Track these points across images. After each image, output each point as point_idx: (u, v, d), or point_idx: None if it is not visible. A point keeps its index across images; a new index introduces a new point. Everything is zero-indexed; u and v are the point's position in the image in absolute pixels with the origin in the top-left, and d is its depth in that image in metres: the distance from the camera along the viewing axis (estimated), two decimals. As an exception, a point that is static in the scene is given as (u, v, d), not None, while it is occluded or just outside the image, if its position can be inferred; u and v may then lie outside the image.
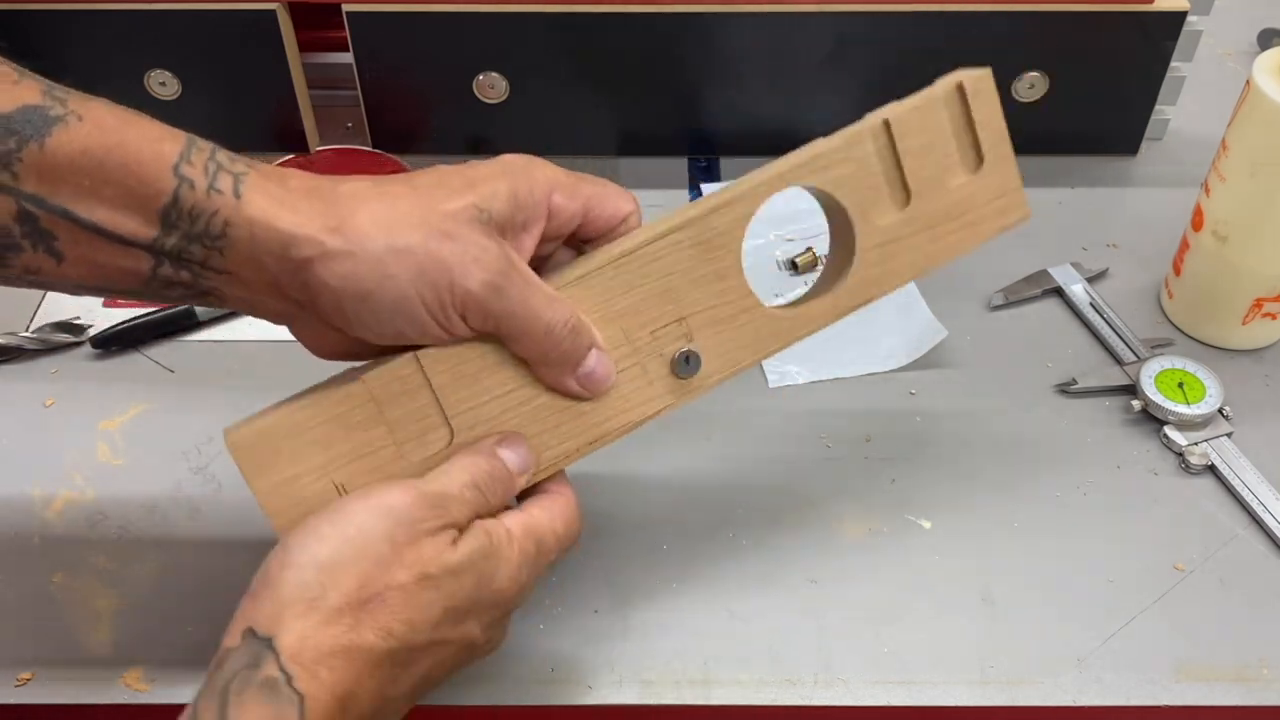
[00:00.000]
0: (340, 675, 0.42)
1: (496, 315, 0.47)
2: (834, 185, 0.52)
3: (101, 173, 0.43)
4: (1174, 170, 0.85)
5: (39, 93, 0.44)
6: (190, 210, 0.44)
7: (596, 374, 0.50)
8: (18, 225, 0.43)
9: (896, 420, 0.68)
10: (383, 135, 0.85)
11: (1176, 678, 0.56)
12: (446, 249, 0.45)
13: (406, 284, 0.45)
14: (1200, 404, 0.67)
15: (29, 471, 0.64)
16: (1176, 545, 0.62)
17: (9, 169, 0.43)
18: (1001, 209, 0.53)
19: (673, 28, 0.78)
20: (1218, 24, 0.82)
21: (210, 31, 0.78)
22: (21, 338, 0.71)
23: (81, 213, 0.44)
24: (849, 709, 0.55)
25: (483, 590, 0.47)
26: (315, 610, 0.43)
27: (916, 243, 0.53)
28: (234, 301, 0.48)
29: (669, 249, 0.51)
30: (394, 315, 0.46)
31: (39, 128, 0.43)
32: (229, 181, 0.45)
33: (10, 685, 0.55)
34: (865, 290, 0.53)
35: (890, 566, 0.61)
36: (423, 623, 0.45)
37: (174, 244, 0.45)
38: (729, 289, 0.52)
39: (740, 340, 0.52)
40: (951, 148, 0.53)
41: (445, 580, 0.45)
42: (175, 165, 0.44)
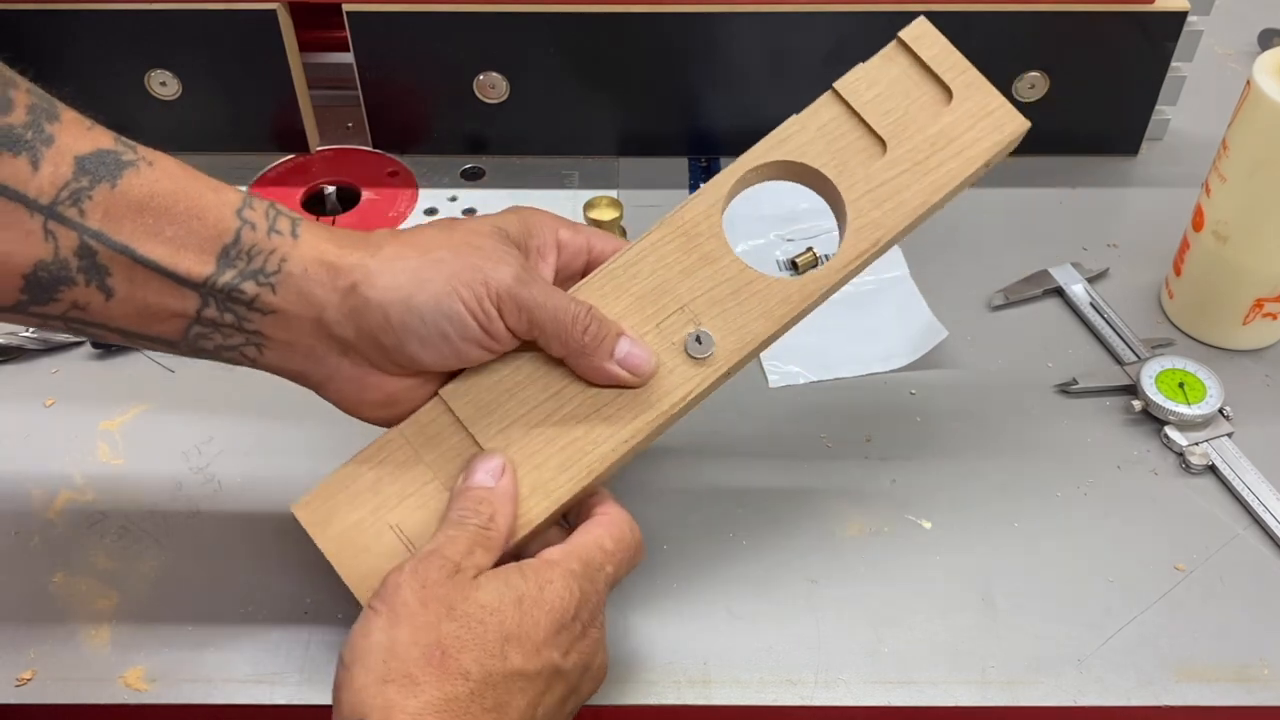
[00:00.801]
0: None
1: (528, 305, 0.49)
2: (799, 154, 0.54)
3: (167, 214, 0.46)
4: (1174, 170, 0.85)
5: (111, 139, 0.47)
6: (250, 249, 0.48)
7: (635, 354, 0.52)
8: (76, 259, 0.45)
9: (896, 420, 0.68)
10: (383, 135, 0.85)
11: (1176, 678, 0.56)
12: (476, 255, 0.49)
13: (444, 284, 0.48)
14: (1201, 404, 0.67)
15: (29, 471, 0.65)
16: (1177, 545, 0.62)
17: (77, 205, 0.45)
18: (993, 125, 0.54)
19: (673, 28, 0.78)
20: (1218, 24, 0.82)
21: (210, 31, 0.78)
22: (22, 338, 0.71)
23: (142, 250, 0.46)
24: (849, 709, 0.55)
25: (534, 614, 0.47)
26: (390, 684, 0.44)
27: (907, 180, 0.54)
28: (273, 350, 0.50)
29: (650, 250, 0.54)
30: (436, 314, 0.48)
31: (112, 170, 0.46)
32: (287, 224, 0.49)
33: (10, 685, 0.55)
34: (869, 235, 0.53)
35: (890, 566, 0.61)
36: (488, 654, 0.45)
37: (226, 281, 0.47)
38: (721, 270, 0.53)
39: (749, 313, 0.53)
40: (914, 92, 0.54)
41: (485, 614, 0.46)
42: (239, 209, 0.48)
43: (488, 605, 0.46)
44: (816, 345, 0.72)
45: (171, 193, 0.47)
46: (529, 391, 0.52)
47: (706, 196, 0.54)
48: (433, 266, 0.49)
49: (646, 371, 0.52)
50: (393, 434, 0.52)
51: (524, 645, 0.46)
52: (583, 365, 0.51)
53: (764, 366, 0.71)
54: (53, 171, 0.45)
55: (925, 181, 0.54)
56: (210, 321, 0.48)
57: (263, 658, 0.56)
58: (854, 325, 0.74)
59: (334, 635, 0.57)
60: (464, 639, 0.45)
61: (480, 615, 0.46)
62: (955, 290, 0.75)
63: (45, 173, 0.45)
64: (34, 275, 0.45)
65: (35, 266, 0.45)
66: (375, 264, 0.48)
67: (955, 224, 0.81)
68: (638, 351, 0.52)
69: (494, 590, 0.47)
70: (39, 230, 0.45)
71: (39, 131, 0.45)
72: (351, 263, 0.48)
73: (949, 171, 0.54)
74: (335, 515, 0.51)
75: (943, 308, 0.73)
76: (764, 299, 0.53)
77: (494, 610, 0.46)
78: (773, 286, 0.53)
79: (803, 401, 0.69)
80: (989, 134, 0.54)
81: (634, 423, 0.52)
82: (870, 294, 0.75)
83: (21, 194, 0.44)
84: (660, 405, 0.52)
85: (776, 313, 0.53)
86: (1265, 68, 0.65)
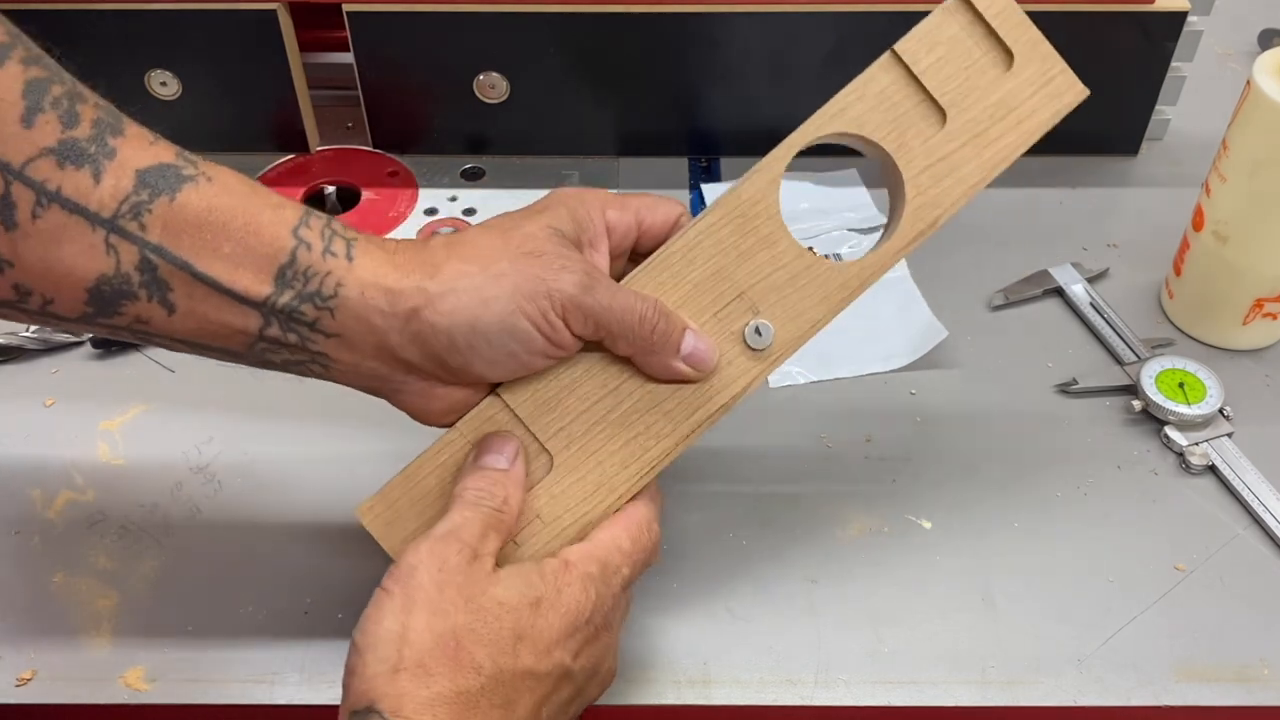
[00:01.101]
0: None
1: (595, 312, 0.49)
2: (858, 125, 0.52)
3: (225, 231, 0.46)
4: (1174, 170, 0.85)
5: (173, 154, 0.46)
6: (305, 270, 0.47)
7: (700, 349, 0.51)
8: (138, 273, 0.45)
9: (896, 420, 0.68)
10: (383, 135, 0.85)
11: (1176, 678, 0.56)
12: (536, 265, 0.48)
13: (508, 301, 0.47)
14: (1201, 404, 0.67)
15: (29, 471, 0.65)
16: (1177, 545, 0.62)
17: (138, 219, 0.45)
18: (1052, 94, 0.52)
19: (673, 28, 0.78)
20: (1218, 24, 0.82)
21: (210, 31, 0.78)
22: (22, 338, 0.71)
23: (200, 266, 0.46)
24: (849, 709, 0.55)
25: (549, 616, 0.47)
26: (402, 673, 0.44)
27: (966, 154, 0.52)
28: (340, 369, 0.49)
29: (706, 234, 0.52)
30: (502, 335, 0.48)
31: (172, 184, 0.45)
32: (342, 246, 0.48)
33: (10, 685, 0.55)
34: (927, 213, 0.52)
35: (890, 566, 0.61)
36: (501, 650, 0.45)
37: (286, 303, 0.47)
38: (780, 254, 0.52)
39: (808, 298, 0.52)
40: (975, 54, 0.52)
41: (502, 611, 0.46)
42: (295, 228, 0.47)
43: (506, 602, 0.46)
44: (816, 345, 0.72)
45: (229, 208, 0.46)
46: (587, 388, 0.51)
47: (763, 174, 0.52)
48: (494, 284, 0.47)
49: (709, 367, 0.51)
50: (452, 434, 0.51)
51: (536, 645, 0.46)
52: (650, 363, 0.51)
53: (764, 366, 0.71)
54: (114, 185, 0.44)
55: (984, 156, 0.52)
56: (275, 340, 0.48)
57: (263, 658, 0.56)
58: (854, 325, 0.73)
59: (334, 635, 0.57)
60: (479, 633, 0.45)
61: (497, 611, 0.46)
62: (955, 290, 0.75)
63: (106, 186, 0.44)
64: (97, 289, 0.45)
65: (98, 280, 0.45)
66: (435, 286, 0.47)
67: (955, 224, 0.80)
68: (702, 346, 0.51)
69: (513, 588, 0.47)
70: (101, 244, 0.45)
71: (102, 145, 0.45)
72: (410, 286, 0.47)
73: (1008, 144, 0.52)
74: (400, 518, 0.51)
75: (943, 308, 0.73)
76: (822, 284, 0.52)
77: (511, 608, 0.46)
78: (830, 271, 0.52)
79: (803, 401, 0.69)
80: (1048, 103, 0.52)
81: (693, 417, 0.51)
82: (870, 294, 0.75)
83: (83, 207, 0.44)
84: (719, 398, 0.51)
85: (835, 298, 0.52)
86: (1265, 68, 0.65)
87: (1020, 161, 0.51)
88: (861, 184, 0.83)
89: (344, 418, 0.66)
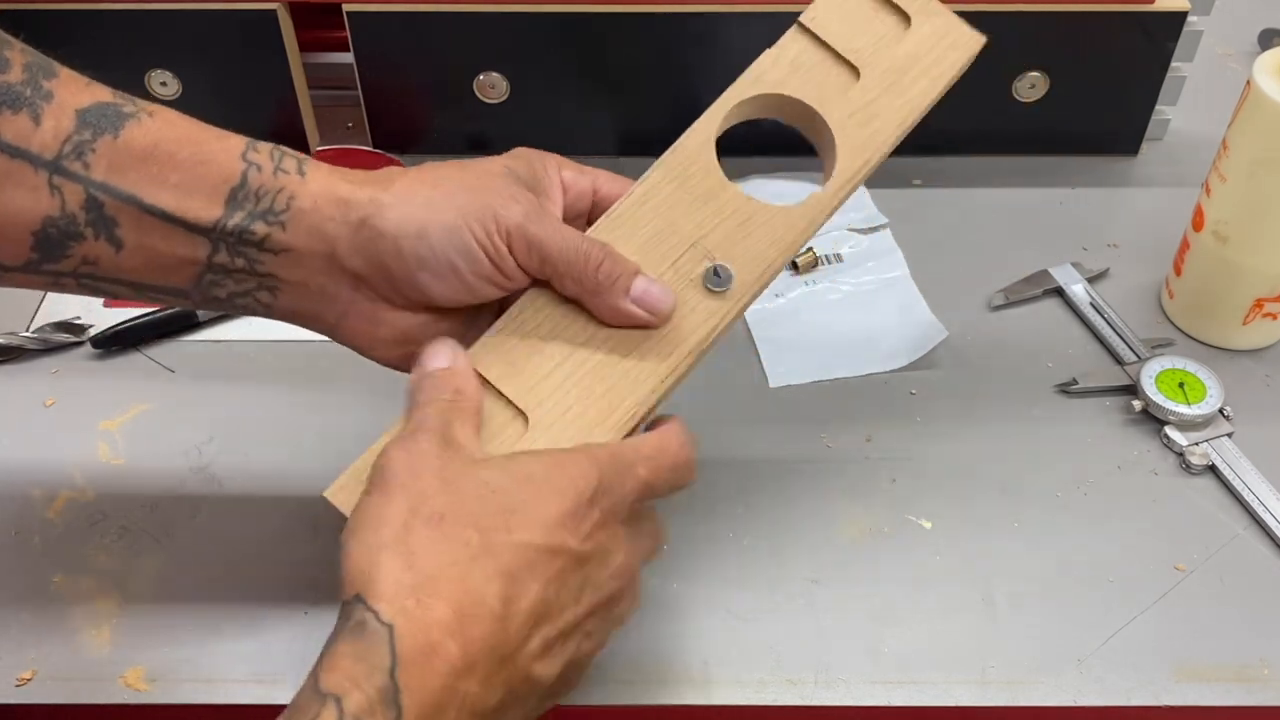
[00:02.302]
0: (430, 601, 0.40)
1: (539, 241, 0.49)
2: (779, 87, 0.56)
3: (172, 161, 0.46)
4: (1174, 170, 0.85)
5: (109, 93, 0.47)
6: (257, 190, 0.47)
7: (652, 292, 0.51)
8: (83, 212, 0.46)
9: (896, 420, 0.68)
10: (383, 135, 0.85)
11: (1176, 678, 0.56)
12: (487, 193, 0.49)
13: (454, 216, 0.48)
14: (1201, 404, 0.67)
15: (29, 471, 0.65)
16: (1176, 545, 0.62)
17: (82, 159, 0.45)
18: (952, 45, 0.56)
19: (673, 28, 0.78)
20: (1218, 24, 0.82)
21: (210, 31, 0.78)
22: (22, 338, 0.71)
23: (147, 198, 0.46)
24: (849, 709, 0.55)
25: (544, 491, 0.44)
26: (385, 550, 0.41)
27: (886, 100, 0.55)
28: (286, 291, 0.49)
29: (651, 192, 0.54)
30: (447, 247, 0.48)
31: (114, 122, 0.46)
32: (293, 164, 0.49)
33: (10, 685, 0.55)
34: (860, 155, 0.55)
35: (890, 566, 0.61)
36: (492, 527, 0.42)
37: (236, 223, 0.47)
38: (725, 203, 0.54)
39: (760, 241, 0.53)
40: (874, 19, 0.57)
41: (486, 490, 0.43)
42: (243, 153, 0.48)
43: (491, 482, 0.44)
44: (816, 345, 0.72)
45: (174, 140, 0.47)
46: (554, 345, 0.51)
47: (697, 135, 0.55)
48: (445, 200, 0.48)
49: (664, 310, 0.51)
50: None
51: (530, 518, 0.43)
52: (598, 305, 0.51)
53: (764, 366, 0.71)
54: (54, 126, 0.45)
55: (902, 100, 0.55)
56: (221, 267, 0.48)
57: (263, 658, 0.56)
58: (854, 325, 0.74)
59: (334, 635, 0.57)
60: (463, 511, 0.42)
61: (481, 492, 0.43)
62: (955, 290, 0.75)
63: (47, 128, 0.45)
64: (43, 232, 0.45)
65: (44, 223, 0.45)
66: (387, 197, 0.48)
67: (955, 224, 0.81)
68: (655, 290, 0.51)
69: (501, 468, 0.44)
70: (45, 186, 0.45)
71: (37, 88, 0.45)
72: (363, 197, 0.48)
73: (921, 90, 0.55)
74: None
75: (943, 308, 0.73)
76: (771, 228, 0.53)
77: (498, 488, 0.43)
78: (777, 215, 0.54)
79: (803, 401, 0.69)
80: (950, 53, 0.56)
81: (666, 362, 0.51)
82: (870, 294, 0.76)
83: (25, 150, 0.44)
84: (689, 342, 0.52)
85: (786, 239, 0.53)
86: (1265, 68, 0.65)
87: (1020, 161, 0.52)
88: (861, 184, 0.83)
89: (345, 418, 0.66)
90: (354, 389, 0.67)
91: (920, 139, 0.56)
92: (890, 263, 0.77)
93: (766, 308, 0.75)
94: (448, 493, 0.43)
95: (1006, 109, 0.83)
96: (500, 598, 0.41)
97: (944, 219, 0.81)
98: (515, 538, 0.42)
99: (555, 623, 0.44)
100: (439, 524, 0.42)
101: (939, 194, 0.83)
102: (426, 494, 0.43)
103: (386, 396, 0.54)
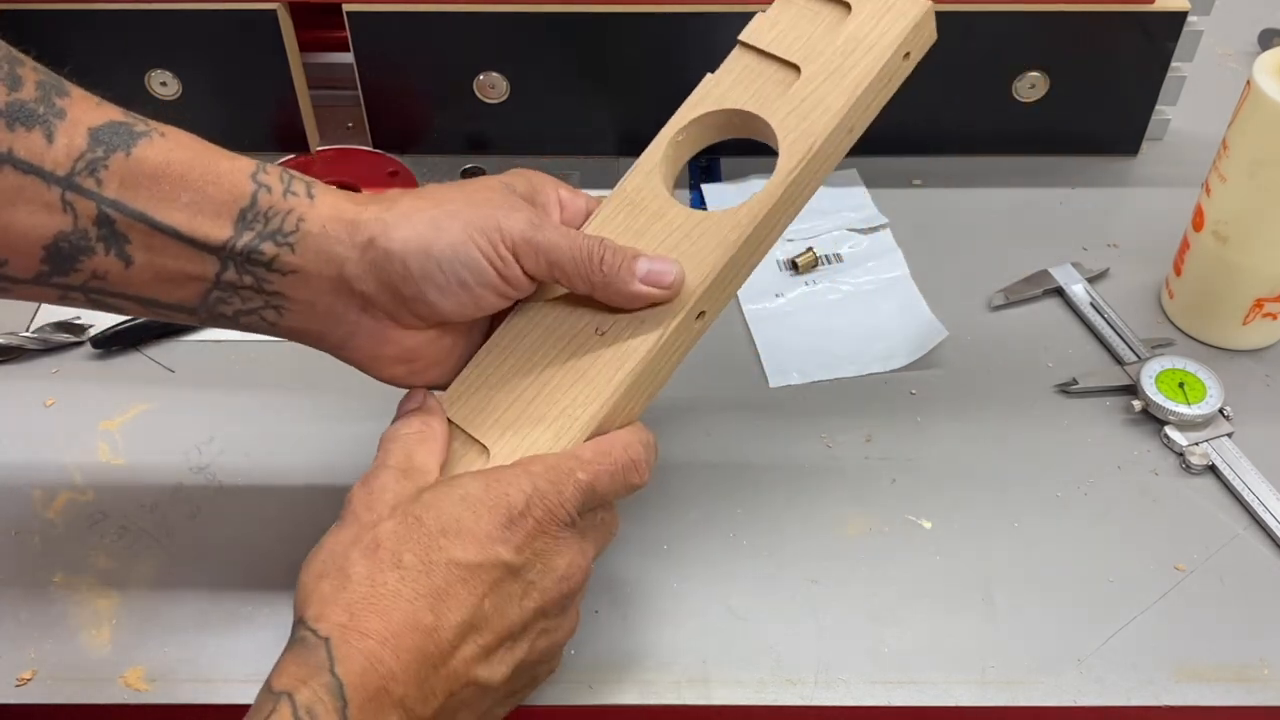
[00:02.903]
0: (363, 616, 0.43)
1: (545, 247, 0.50)
2: (719, 102, 0.57)
3: (183, 181, 0.47)
4: (1174, 170, 0.85)
5: (120, 113, 0.48)
6: (266, 211, 0.48)
7: (655, 268, 0.52)
8: (95, 228, 0.46)
9: (896, 420, 0.68)
10: (383, 135, 0.85)
11: (1176, 678, 0.56)
12: (489, 206, 0.51)
13: (460, 231, 0.49)
14: (1201, 404, 0.67)
15: (29, 471, 0.64)
16: (1176, 545, 0.62)
17: (94, 175, 0.46)
18: (896, 15, 0.56)
19: (673, 28, 0.78)
20: (1218, 24, 0.82)
21: (210, 31, 0.78)
22: (22, 338, 0.71)
23: (158, 216, 0.47)
24: (849, 709, 0.55)
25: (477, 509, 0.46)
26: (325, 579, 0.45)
27: (827, 89, 0.55)
28: (294, 311, 0.50)
29: (603, 225, 0.55)
30: (454, 261, 0.49)
31: (126, 141, 0.47)
32: (303, 187, 0.50)
33: (10, 685, 0.55)
34: (800, 145, 0.54)
35: (890, 566, 0.61)
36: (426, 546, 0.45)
37: (245, 244, 0.48)
38: (670, 220, 0.55)
39: (705, 247, 0.53)
40: (816, 19, 0.57)
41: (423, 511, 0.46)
42: (253, 174, 0.49)
43: (429, 503, 0.46)
44: (816, 345, 0.72)
45: (186, 160, 0.48)
46: (513, 380, 0.53)
47: (642, 167, 0.57)
48: (449, 217, 0.50)
49: (670, 280, 0.52)
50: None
51: (463, 537, 0.46)
52: (611, 295, 0.52)
53: (764, 366, 0.71)
54: (67, 144, 0.46)
55: (844, 84, 0.55)
56: (229, 285, 0.49)
57: (263, 658, 0.56)
58: (854, 325, 0.74)
59: (334, 635, 0.57)
60: (400, 534, 0.45)
61: (418, 512, 0.46)
62: (955, 290, 0.75)
63: (60, 145, 0.45)
64: (54, 246, 0.46)
65: (55, 238, 0.46)
66: (392, 217, 0.49)
67: (955, 224, 0.81)
68: (658, 266, 0.52)
69: (441, 491, 0.47)
70: (57, 202, 0.46)
71: (50, 105, 0.46)
72: (369, 217, 0.49)
73: (864, 68, 0.55)
74: None
75: (943, 308, 0.73)
76: (716, 231, 0.54)
77: (433, 507, 0.46)
78: (722, 218, 0.54)
79: (803, 401, 0.69)
80: (894, 24, 0.55)
81: (616, 376, 0.51)
82: (870, 294, 0.76)
83: (38, 167, 0.45)
84: (637, 354, 0.52)
85: (729, 238, 0.53)
86: (1265, 68, 0.65)
87: (1020, 161, 0.52)
88: (861, 184, 0.83)
89: (345, 418, 0.66)
90: (354, 389, 0.67)
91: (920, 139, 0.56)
92: (890, 263, 0.77)
93: (766, 308, 0.75)
94: (391, 518, 0.46)
95: (1006, 109, 0.83)
96: (431, 611, 0.44)
97: (944, 219, 0.81)
98: (448, 555, 0.45)
99: (494, 629, 0.46)
100: (375, 551, 0.45)
101: (939, 194, 0.83)
102: (371, 524, 0.46)
103: (386, 397, 0.54)
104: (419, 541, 0.45)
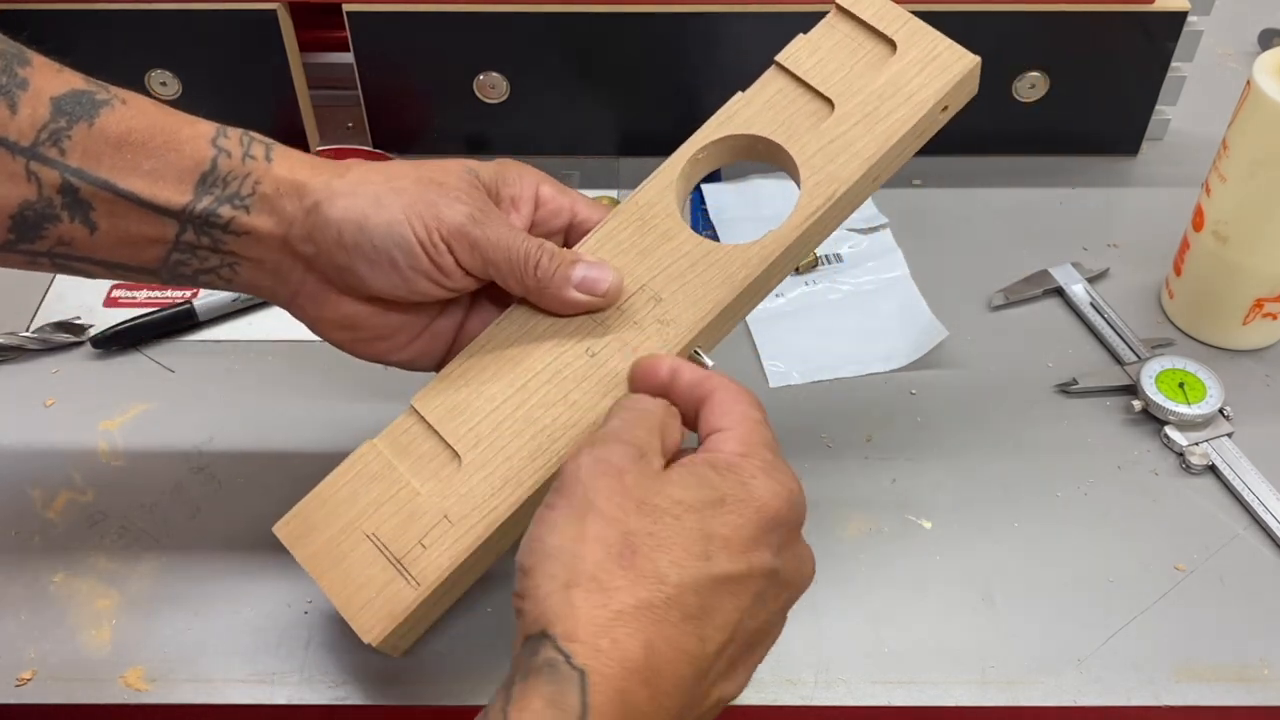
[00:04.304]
0: (626, 643, 0.39)
1: (479, 243, 0.50)
2: (746, 126, 0.55)
3: (144, 149, 0.48)
4: (1174, 170, 0.85)
5: (82, 80, 0.48)
6: (225, 175, 0.49)
7: (590, 275, 0.51)
8: (59, 196, 0.47)
9: (896, 420, 0.68)
10: (383, 135, 0.85)
11: (1176, 678, 0.56)
12: (436, 191, 0.50)
13: (398, 210, 0.49)
14: (1201, 404, 0.67)
15: (29, 471, 0.65)
16: (1176, 545, 0.62)
17: (58, 145, 0.47)
18: (940, 68, 0.54)
19: (673, 28, 0.78)
20: (1218, 24, 0.82)
21: (210, 31, 0.78)
22: (22, 338, 0.71)
23: (121, 184, 0.48)
24: (849, 709, 0.55)
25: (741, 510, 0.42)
26: (575, 589, 0.39)
27: (858, 132, 0.54)
28: (246, 267, 0.51)
29: (607, 238, 0.54)
30: (386, 239, 0.49)
31: (88, 110, 0.47)
32: (261, 149, 0.51)
33: (10, 685, 0.55)
34: (824, 189, 0.53)
35: (890, 566, 0.61)
36: (689, 554, 0.40)
37: (204, 207, 0.49)
38: (679, 245, 0.54)
39: (709, 282, 0.53)
40: (859, 52, 0.55)
41: (680, 509, 0.41)
42: (213, 139, 0.50)
43: (684, 500, 0.41)
44: (816, 345, 0.72)
45: (147, 128, 0.48)
46: (494, 388, 0.52)
47: (659, 180, 0.55)
48: (392, 194, 0.49)
49: (607, 289, 0.51)
50: (366, 446, 0.52)
51: (731, 545, 0.41)
52: (545, 300, 0.52)
53: (764, 366, 0.71)
54: (30, 114, 0.46)
55: (877, 131, 0.54)
56: (188, 245, 0.50)
57: (263, 658, 0.56)
58: (854, 325, 0.74)
59: (334, 635, 0.57)
60: (659, 537, 0.40)
61: (676, 511, 0.41)
62: (955, 290, 0.75)
63: (24, 115, 0.46)
64: (20, 215, 0.47)
65: (21, 206, 0.47)
66: (340, 185, 0.50)
67: (955, 224, 0.81)
68: (594, 272, 0.51)
69: (689, 486, 0.42)
70: (22, 171, 0.47)
71: (12, 76, 0.47)
72: (319, 183, 0.50)
73: (899, 118, 0.54)
74: (313, 530, 0.51)
75: (943, 308, 0.73)
76: (723, 266, 0.53)
77: (691, 506, 0.41)
78: (732, 254, 0.53)
79: (803, 401, 0.69)
80: (936, 77, 0.54)
81: (599, 405, 0.51)
82: (870, 294, 0.76)
83: (2, 138, 0.46)
84: (625, 385, 0.51)
85: (737, 277, 0.52)
86: (1265, 68, 0.65)
87: (1020, 161, 0.52)
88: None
89: (345, 418, 0.66)
90: (354, 389, 0.68)
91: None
92: (890, 263, 0.77)
93: (766, 308, 0.74)
94: (640, 514, 0.41)
95: (1006, 109, 0.83)
96: (697, 636, 0.40)
97: (944, 219, 0.81)
98: (715, 569, 0.41)
99: (745, 637, 0.42)
100: (632, 561, 0.40)
101: (939, 194, 0.83)
102: (618, 517, 0.41)
103: (386, 397, 0.54)
104: (681, 549, 0.40)
